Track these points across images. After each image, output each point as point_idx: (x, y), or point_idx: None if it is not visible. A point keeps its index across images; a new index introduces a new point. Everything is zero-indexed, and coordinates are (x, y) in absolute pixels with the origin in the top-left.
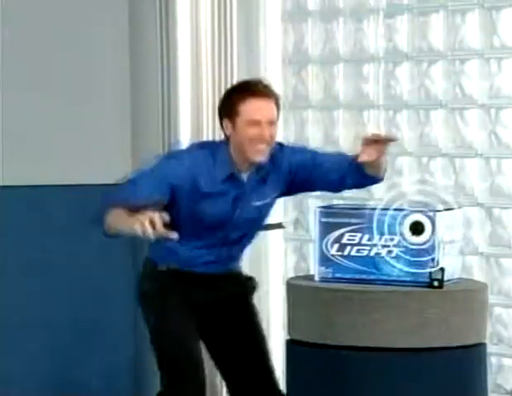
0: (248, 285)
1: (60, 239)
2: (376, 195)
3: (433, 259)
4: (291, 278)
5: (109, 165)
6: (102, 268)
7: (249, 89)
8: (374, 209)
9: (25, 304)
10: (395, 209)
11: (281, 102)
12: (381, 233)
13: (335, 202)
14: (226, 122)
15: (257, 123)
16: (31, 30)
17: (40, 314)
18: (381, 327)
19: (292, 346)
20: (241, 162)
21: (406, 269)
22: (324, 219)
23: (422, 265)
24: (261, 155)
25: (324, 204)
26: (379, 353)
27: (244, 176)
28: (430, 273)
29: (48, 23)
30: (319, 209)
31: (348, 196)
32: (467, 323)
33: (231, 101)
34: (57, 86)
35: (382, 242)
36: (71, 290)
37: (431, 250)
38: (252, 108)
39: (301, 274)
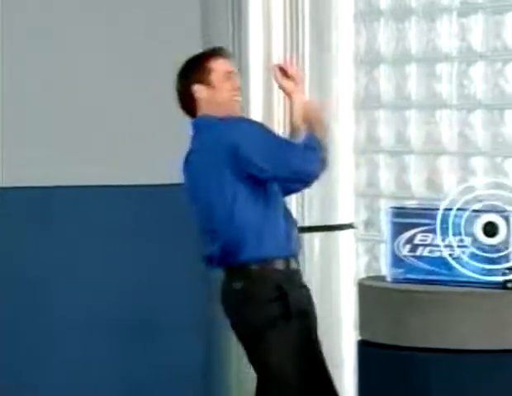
0: None
1: (125, 239)
2: (449, 195)
3: (507, 260)
4: (363, 279)
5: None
6: (168, 266)
7: (211, 52)
8: (447, 209)
9: (87, 305)
10: (469, 210)
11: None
12: (454, 234)
13: (407, 203)
14: (198, 87)
15: (230, 74)
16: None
17: (103, 315)
18: (454, 329)
19: (364, 346)
20: None
21: (480, 270)
22: (395, 220)
23: (496, 266)
24: (239, 105)
25: (396, 204)
26: (451, 355)
27: None
28: (504, 274)
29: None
30: (390, 210)
31: (421, 197)
32: None
33: (200, 64)
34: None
35: (455, 242)
36: (134, 290)
37: (505, 251)
38: (222, 62)
39: (372, 274)
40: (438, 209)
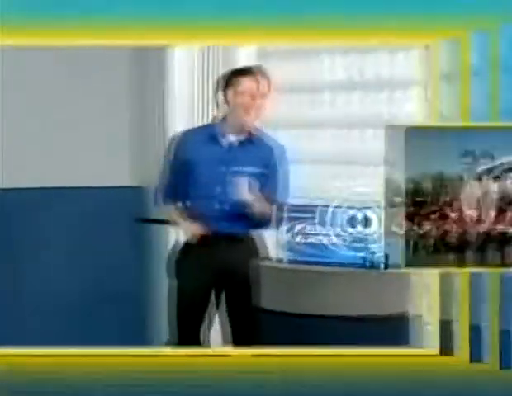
0: None
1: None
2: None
3: (367, 247)
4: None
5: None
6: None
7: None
8: (325, 206)
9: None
10: (338, 206)
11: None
12: (330, 225)
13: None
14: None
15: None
16: None
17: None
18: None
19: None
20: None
21: (350, 255)
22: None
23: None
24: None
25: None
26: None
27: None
28: (364, 258)
29: None
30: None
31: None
32: None
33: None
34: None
35: (332, 232)
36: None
37: (367, 239)
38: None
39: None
40: (317, 206)
